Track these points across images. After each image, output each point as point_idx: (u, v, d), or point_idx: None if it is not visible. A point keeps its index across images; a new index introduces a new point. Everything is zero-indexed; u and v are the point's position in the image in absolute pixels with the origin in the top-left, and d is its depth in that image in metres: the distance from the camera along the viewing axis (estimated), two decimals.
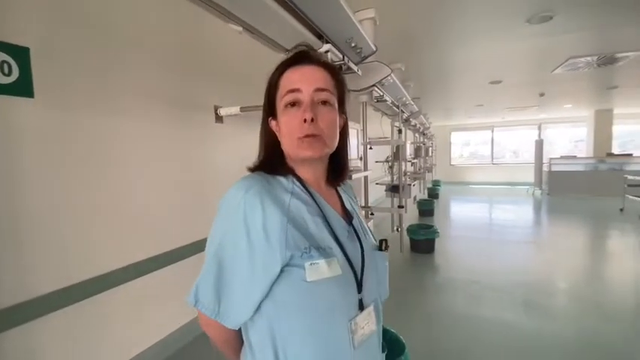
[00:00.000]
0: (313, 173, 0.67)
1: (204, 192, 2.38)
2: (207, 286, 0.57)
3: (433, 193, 8.14)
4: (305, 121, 0.59)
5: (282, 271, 0.55)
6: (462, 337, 2.23)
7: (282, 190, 0.61)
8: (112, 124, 1.72)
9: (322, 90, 0.61)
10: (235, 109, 2.36)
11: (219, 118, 2.47)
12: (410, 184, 3.23)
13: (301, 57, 0.63)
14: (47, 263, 1.46)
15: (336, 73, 0.66)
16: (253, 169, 0.66)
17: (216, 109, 2.43)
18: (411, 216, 5.92)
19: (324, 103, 0.61)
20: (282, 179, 0.64)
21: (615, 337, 2.20)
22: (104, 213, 1.69)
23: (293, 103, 0.61)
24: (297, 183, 0.64)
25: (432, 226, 4.02)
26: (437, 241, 4.00)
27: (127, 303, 1.82)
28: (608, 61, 4.07)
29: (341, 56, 1.62)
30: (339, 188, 0.75)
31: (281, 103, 0.62)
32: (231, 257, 0.56)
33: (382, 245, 0.71)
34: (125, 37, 1.79)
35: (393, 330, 1.08)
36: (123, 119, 1.78)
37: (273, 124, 0.65)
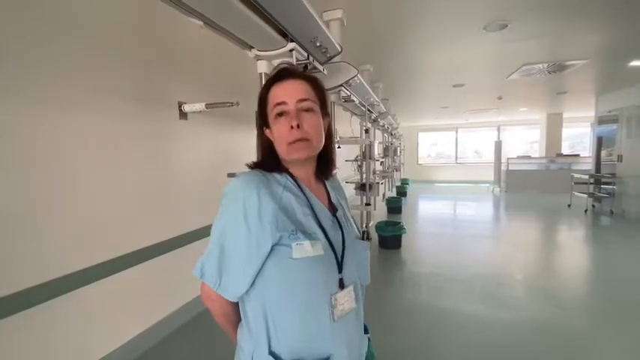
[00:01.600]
0: (304, 171, 0.78)
1: (169, 191, 2.29)
2: (211, 264, 0.68)
3: (401, 191, 8.40)
4: (292, 127, 0.69)
5: (272, 250, 0.65)
6: (426, 327, 2.33)
7: (276, 184, 0.72)
8: (60, 120, 1.62)
9: (304, 100, 0.72)
10: (200, 106, 2.30)
11: (183, 115, 2.40)
12: (379, 183, 3.32)
13: (283, 74, 0.75)
14: None
15: (314, 82, 0.76)
16: (253, 167, 0.76)
17: (180, 105, 2.35)
18: (380, 213, 6.08)
19: (307, 110, 0.72)
20: (277, 176, 0.74)
21: (563, 322, 2.40)
22: (56, 214, 1.59)
23: (281, 113, 0.72)
24: (290, 179, 0.75)
25: (399, 223, 4.15)
26: (404, 237, 4.14)
27: (84, 309, 1.72)
28: (558, 68, 4.42)
29: (306, 55, 1.63)
30: (327, 185, 0.85)
31: (271, 114, 0.73)
32: (232, 239, 0.67)
33: (364, 236, 0.79)
34: (77, 25, 1.68)
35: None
36: (74, 115, 1.68)
37: (267, 132, 0.76)
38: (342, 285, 0.70)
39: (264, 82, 1.46)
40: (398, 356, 2.02)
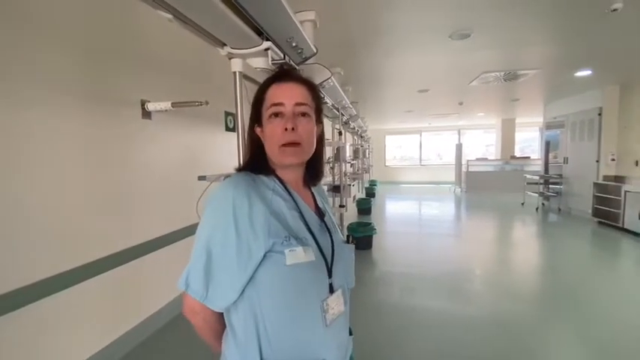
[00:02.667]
0: (293, 175, 0.76)
1: (130, 196, 2.14)
2: (197, 273, 0.63)
3: (370, 193, 8.58)
4: (286, 129, 0.68)
5: (264, 256, 0.63)
6: (397, 325, 2.38)
7: (265, 188, 0.70)
8: (7, 118, 1.45)
9: (301, 104, 0.71)
10: (166, 105, 2.17)
11: (146, 114, 2.25)
12: (350, 184, 3.35)
13: (284, 74, 0.74)
14: None
15: (313, 88, 0.76)
16: (239, 170, 0.74)
17: (143, 103, 2.21)
18: (351, 214, 6.16)
19: (303, 114, 0.71)
20: (265, 179, 0.72)
21: (518, 314, 2.57)
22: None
23: (277, 114, 0.70)
24: (278, 182, 0.73)
25: (370, 224, 4.23)
26: (374, 237, 4.23)
27: (30, 328, 1.55)
28: (512, 77, 4.76)
29: (282, 55, 1.60)
30: (313, 190, 0.84)
31: (266, 113, 0.72)
32: (220, 246, 0.63)
33: (349, 239, 0.83)
34: (29, 15, 1.52)
35: None
36: (24, 113, 1.51)
37: (258, 130, 0.75)
38: (332, 289, 0.70)
39: (239, 81, 1.42)
40: (371, 355, 2.04)
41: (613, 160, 5.39)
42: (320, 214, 0.79)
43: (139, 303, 2.23)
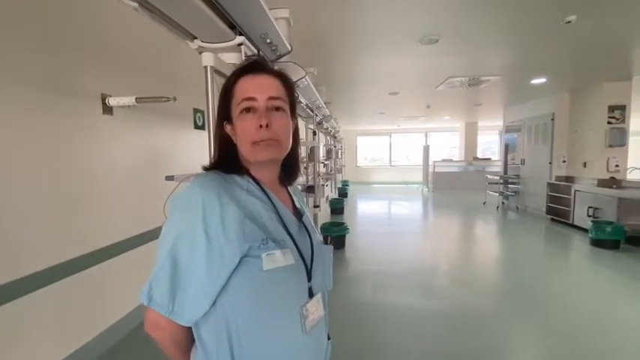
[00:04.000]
0: (268, 174, 0.71)
1: (91, 197, 1.98)
2: (162, 285, 0.57)
3: (343, 193, 8.67)
4: (261, 126, 0.63)
5: (239, 262, 0.58)
6: (372, 322, 2.41)
7: (238, 188, 0.65)
8: None
9: (275, 98, 0.66)
10: (129, 100, 2.04)
11: (107, 109, 2.10)
12: (323, 185, 3.35)
13: (254, 66, 0.68)
14: None
15: (286, 81, 0.71)
16: (209, 169, 0.68)
17: (104, 98, 2.06)
18: (324, 214, 6.17)
19: (277, 109, 0.66)
20: (237, 178, 0.67)
21: (482, 307, 2.70)
22: None
23: (248, 109, 0.65)
24: (252, 182, 0.68)
25: (343, 224, 4.26)
26: (347, 236, 4.26)
27: None
28: (475, 82, 5.01)
29: (255, 51, 1.56)
30: (290, 189, 0.80)
31: (237, 109, 0.66)
32: (189, 254, 0.57)
33: (326, 240, 0.76)
34: None
35: None
36: None
37: (228, 128, 0.69)
38: (311, 294, 0.67)
39: (210, 76, 1.36)
40: (345, 353, 2.04)
41: (564, 161, 5.86)
42: (298, 214, 0.74)
43: (102, 311, 2.07)
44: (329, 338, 0.78)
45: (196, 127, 3.12)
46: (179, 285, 0.57)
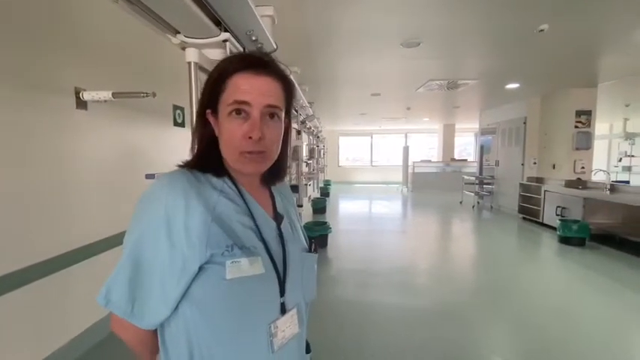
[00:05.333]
0: (250, 178, 0.66)
1: (58, 198, 1.88)
2: (120, 286, 0.54)
3: (325, 192, 8.70)
4: (250, 138, 0.56)
5: (200, 269, 0.54)
6: (355, 321, 2.44)
7: (210, 188, 0.59)
8: None
9: (273, 106, 0.59)
10: (106, 94, 1.95)
11: (82, 104, 2.00)
12: (306, 184, 3.35)
13: (258, 64, 0.59)
14: None
15: (289, 86, 0.63)
16: (184, 166, 0.61)
17: (78, 92, 1.96)
18: (306, 214, 6.16)
19: (272, 115, 0.59)
20: (212, 177, 0.61)
21: (460, 303, 2.79)
22: None
23: (239, 111, 0.57)
24: (228, 182, 0.62)
25: (325, 223, 4.28)
26: (329, 235, 4.28)
27: None
28: (454, 85, 5.17)
29: (241, 48, 1.54)
30: (273, 188, 0.73)
31: (226, 107, 0.58)
32: (149, 256, 0.53)
33: (312, 247, 0.72)
34: None
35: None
36: None
37: (212, 119, 0.61)
38: (283, 310, 0.60)
39: (194, 73, 1.32)
40: (329, 351, 2.06)
41: (535, 163, 6.15)
42: (277, 218, 0.68)
43: (68, 319, 1.97)
44: (309, 350, 0.73)
45: (176, 124, 3.04)
46: (139, 288, 0.54)
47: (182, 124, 3.11)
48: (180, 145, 3.10)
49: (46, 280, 1.75)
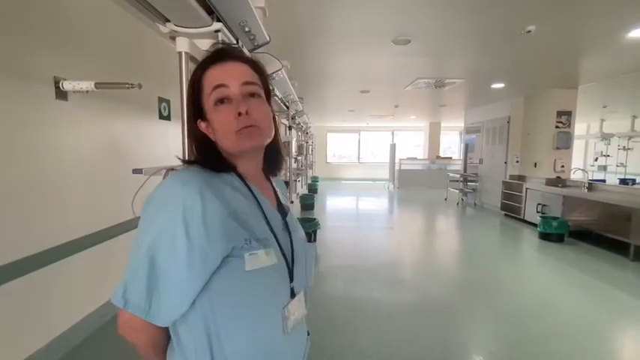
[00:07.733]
0: (252, 166, 0.68)
1: (40, 191, 1.79)
2: (138, 286, 0.54)
3: (313, 188, 8.67)
4: (240, 114, 0.59)
5: (221, 262, 0.56)
6: (345, 316, 2.45)
7: (222, 184, 0.61)
8: None
9: (250, 83, 0.62)
10: (88, 85, 1.87)
11: (61, 94, 1.91)
12: (295, 180, 3.32)
13: (222, 54, 0.63)
14: None
15: (258, 66, 0.66)
16: (190, 163, 0.63)
17: (57, 81, 1.86)
18: (294, 210, 6.12)
19: (252, 95, 0.62)
20: (221, 174, 0.63)
21: (445, 297, 2.85)
22: None
23: (222, 100, 0.60)
24: (237, 177, 0.64)
25: (314, 219, 4.26)
26: (318, 232, 4.28)
27: None
28: (441, 84, 5.23)
29: (234, 39, 1.49)
30: (273, 182, 0.76)
31: (209, 101, 0.61)
32: (168, 254, 0.53)
33: (310, 237, 0.74)
34: None
35: None
36: None
37: (202, 126, 0.63)
38: (293, 294, 0.65)
39: (185, 63, 1.27)
40: (320, 347, 2.06)
41: (517, 162, 6.32)
42: (282, 211, 0.72)
43: (59, 313, 1.89)
44: (308, 334, 0.78)
45: (161, 117, 2.94)
46: (157, 286, 0.54)
47: (168, 118, 3.02)
48: (166, 138, 3.01)
49: (21, 280, 1.67)
